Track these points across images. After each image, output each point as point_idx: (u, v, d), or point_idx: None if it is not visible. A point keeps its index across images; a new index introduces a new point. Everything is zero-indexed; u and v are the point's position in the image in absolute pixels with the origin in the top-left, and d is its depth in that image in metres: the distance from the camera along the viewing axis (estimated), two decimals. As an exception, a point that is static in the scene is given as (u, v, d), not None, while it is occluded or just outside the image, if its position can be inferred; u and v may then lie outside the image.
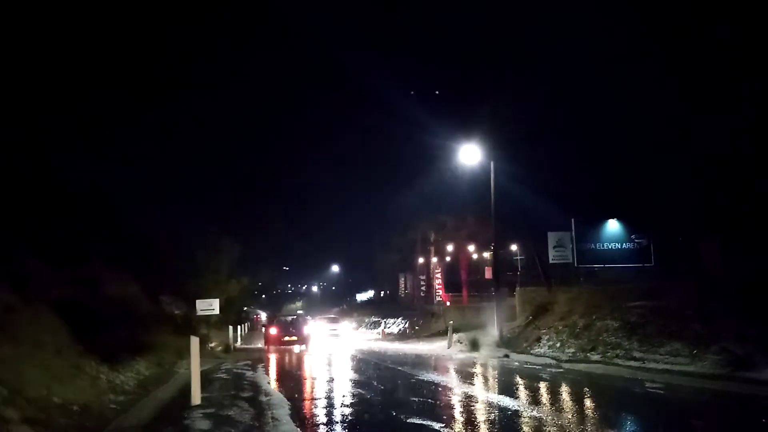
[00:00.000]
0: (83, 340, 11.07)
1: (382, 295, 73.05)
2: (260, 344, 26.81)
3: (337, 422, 7.66)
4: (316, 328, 34.49)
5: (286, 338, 24.21)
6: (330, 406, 9.17)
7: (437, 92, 28.78)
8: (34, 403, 7.47)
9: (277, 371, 15.91)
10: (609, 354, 14.77)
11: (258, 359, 19.79)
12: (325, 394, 10.64)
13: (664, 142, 20.72)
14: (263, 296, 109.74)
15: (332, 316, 46.31)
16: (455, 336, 22.69)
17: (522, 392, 10.43)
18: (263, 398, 9.73)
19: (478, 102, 24.33)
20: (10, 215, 12.52)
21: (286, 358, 20.75)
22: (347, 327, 42.95)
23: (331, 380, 13.10)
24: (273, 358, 20.93)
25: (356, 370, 15.25)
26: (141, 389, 10.86)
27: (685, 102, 19.13)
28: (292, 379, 13.40)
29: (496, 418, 7.70)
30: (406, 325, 41.32)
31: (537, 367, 14.50)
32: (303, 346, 23.98)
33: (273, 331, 24.59)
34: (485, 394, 10.10)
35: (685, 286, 15.68)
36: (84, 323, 11.53)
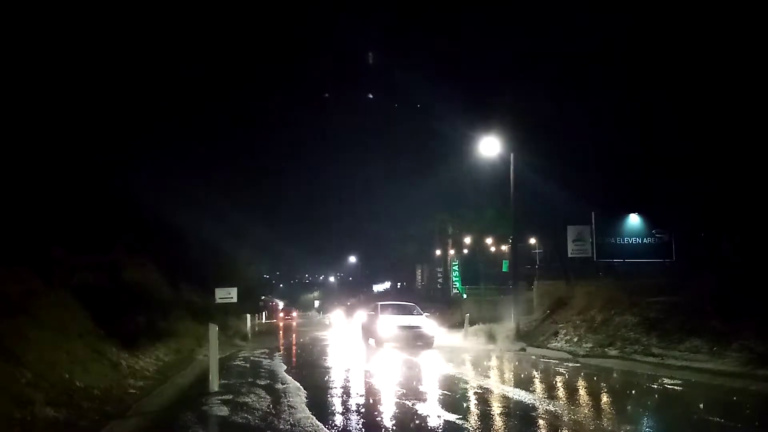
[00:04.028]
0: (104, 325, 11.26)
1: (398, 286, 73.11)
2: (274, 320, 51.53)
3: (352, 411, 7.71)
4: (378, 325, 19.23)
5: (287, 317, 53.50)
6: (344, 394, 9.23)
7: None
8: (56, 386, 7.63)
9: (293, 360, 16.04)
10: (627, 349, 14.65)
11: (275, 348, 19.99)
12: (339, 383, 10.72)
13: (687, 136, 20.40)
14: (281, 285, 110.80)
15: (404, 302, 23.90)
16: (472, 328, 22.66)
17: (538, 386, 10.40)
18: (279, 386, 9.83)
19: (498, 93, 24.10)
20: (35, 202, 12.72)
21: (303, 348, 20.92)
22: (432, 324, 20.62)
23: (346, 370, 13.20)
24: (289, 347, 21.13)
25: (369, 360, 15.31)
26: (160, 375, 11.03)
27: (709, 94, 18.80)
28: (308, 368, 13.50)
29: (512, 412, 7.70)
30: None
31: (554, 361, 14.45)
32: (294, 318, 53.60)
33: (281, 314, 56.95)
34: (501, 387, 10.09)
35: (706, 281, 15.48)
36: (105, 309, 11.73)
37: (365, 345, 20.10)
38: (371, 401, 8.58)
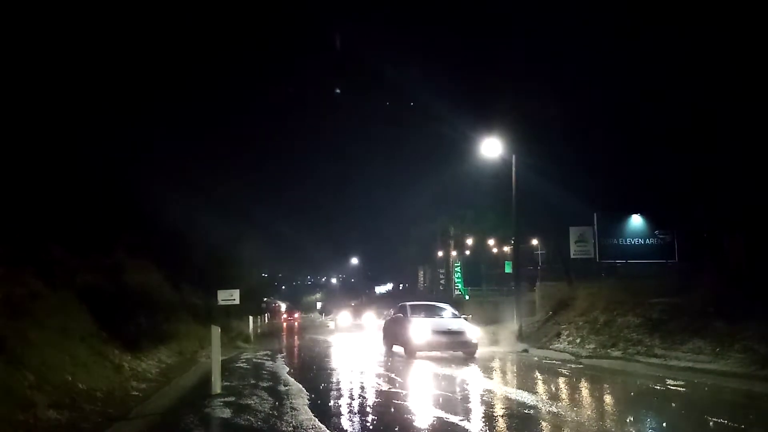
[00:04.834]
0: (107, 327, 11.26)
1: (400, 287, 73.18)
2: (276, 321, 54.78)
3: (355, 412, 7.70)
4: (410, 330, 15.65)
5: (290, 318, 56.23)
6: (348, 396, 9.22)
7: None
8: (59, 389, 7.63)
9: (295, 362, 16.03)
10: (630, 351, 14.63)
11: (278, 350, 19.97)
12: (342, 385, 10.70)
13: (689, 136, 20.38)
14: (283, 287, 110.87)
15: (435, 303, 19.94)
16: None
17: (541, 387, 10.38)
18: (282, 388, 9.82)
19: (500, 94, 24.09)
20: (36, 203, 12.74)
21: (304, 349, 20.90)
22: (475, 329, 17.04)
23: (349, 371, 13.19)
24: (292, 348, 21.11)
25: (374, 361, 15.29)
26: (163, 377, 11.03)
27: (712, 95, 18.78)
28: (310, 370, 13.50)
29: (514, 413, 7.67)
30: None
31: (556, 362, 14.42)
32: (296, 319, 57.83)
33: (285, 315, 59.16)
34: (504, 389, 10.07)
35: (709, 282, 15.46)
36: (108, 311, 11.72)
37: (387, 351, 17.51)
38: (377, 404, 8.56)
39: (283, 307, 70.29)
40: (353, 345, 22.53)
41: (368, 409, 7.99)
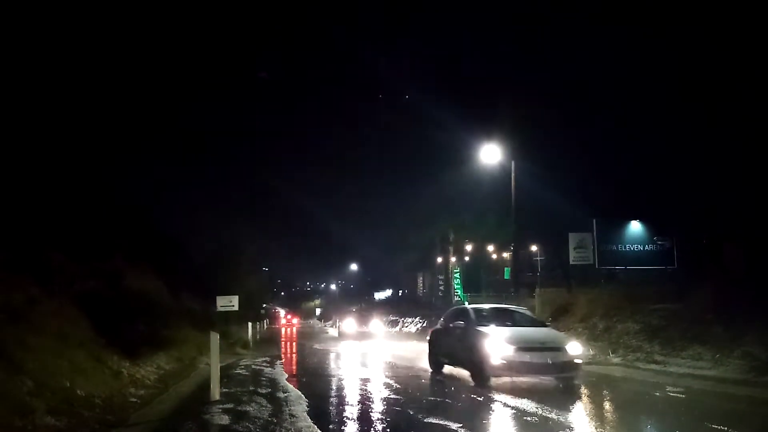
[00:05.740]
0: (105, 333, 11.23)
1: (400, 294, 73.11)
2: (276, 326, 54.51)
3: (354, 419, 7.67)
4: (485, 344, 10.77)
5: (289, 324, 54.86)
6: (346, 403, 9.20)
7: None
8: (58, 395, 7.61)
9: (294, 368, 15.99)
10: (629, 357, 14.62)
11: (276, 356, 19.90)
12: (341, 392, 10.68)
13: (689, 144, 20.46)
14: (282, 293, 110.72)
15: (516, 308, 14.60)
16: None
17: (540, 393, 10.34)
18: (281, 394, 9.78)
19: (500, 101, 24.21)
20: (36, 209, 12.74)
21: (303, 357, 20.84)
22: (575, 344, 11.26)
23: (347, 377, 13.13)
24: (290, 355, 21.05)
25: (370, 367, 15.25)
26: (161, 383, 10.98)
27: (712, 103, 18.85)
28: (309, 377, 13.46)
29: (513, 419, 7.66)
30: (425, 324, 41.15)
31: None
32: (295, 325, 60.81)
33: (284, 321, 63.60)
34: (502, 395, 10.04)
35: (708, 289, 15.46)
36: (106, 317, 11.69)
37: (433, 375, 13.01)
38: (376, 410, 8.54)
39: (282, 313, 70.92)
40: (372, 359, 18.12)
41: (367, 417, 7.95)
